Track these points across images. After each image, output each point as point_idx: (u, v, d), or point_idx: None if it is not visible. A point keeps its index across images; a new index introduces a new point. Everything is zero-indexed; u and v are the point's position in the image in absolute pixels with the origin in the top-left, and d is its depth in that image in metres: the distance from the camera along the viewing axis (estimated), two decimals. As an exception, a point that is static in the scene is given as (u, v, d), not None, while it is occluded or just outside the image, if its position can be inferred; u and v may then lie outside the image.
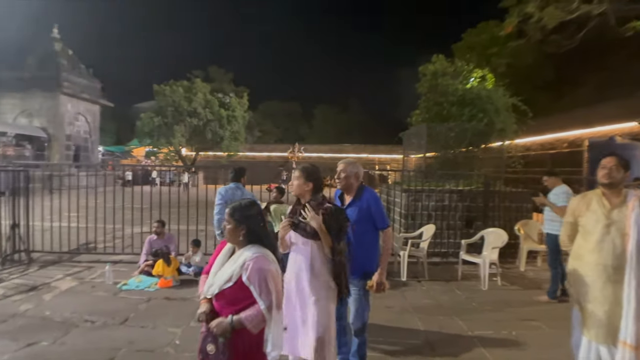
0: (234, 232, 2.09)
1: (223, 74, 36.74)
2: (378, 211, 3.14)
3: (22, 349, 3.71)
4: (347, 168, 3.19)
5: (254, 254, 2.04)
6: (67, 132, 25.07)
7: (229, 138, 27.74)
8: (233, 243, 2.15)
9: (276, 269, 2.07)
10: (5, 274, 6.03)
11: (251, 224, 2.09)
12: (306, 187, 2.79)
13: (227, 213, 2.12)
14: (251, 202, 2.19)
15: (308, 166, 2.89)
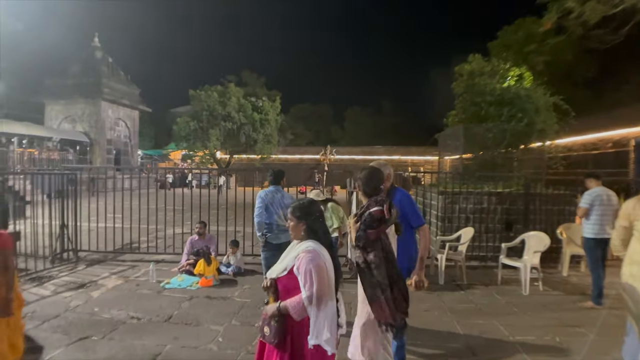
0: (295, 228, 2.29)
1: (256, 78, 37.35)
2: (412, 210, 3.15)
3: (74, 342, 3.91)
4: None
5: (307, 247, 2.19)
6: (108, 136, 26.20)
7: (262, 141, 28.11)
8: (296, 238, 2.33)
9: (325, 263, 2.17)
10: (56, 272, 6.38)
11: (310, 220, 2.27)
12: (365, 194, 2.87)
13: (290, 211, 2.33)
14: (311, 201, 2.41)
15: (363, 171, 2.94)
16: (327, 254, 2.22)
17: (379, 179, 2.89)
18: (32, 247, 6.40)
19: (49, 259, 6.69)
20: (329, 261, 2.21)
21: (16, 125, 21.16)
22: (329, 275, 2.18)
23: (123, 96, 27.36)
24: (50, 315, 4.53)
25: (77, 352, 3.71)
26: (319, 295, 2.09)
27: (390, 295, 2.56)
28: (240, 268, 6.39)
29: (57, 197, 7.09)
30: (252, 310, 4.84)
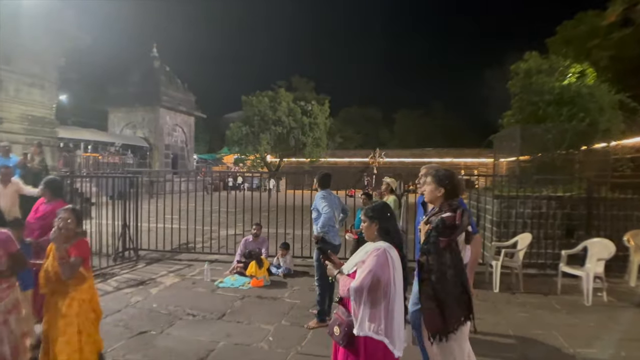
0: (369, 228, 2.36)
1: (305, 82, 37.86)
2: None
3: (134, 336, 4.15)
4: (429, 173, 3.12)
5: (377, 246, 2.26)
6: (166, 141, 27.59)
7: (311, 144, 28.42)
8: (369, 239, 2.38)
9: (392, 263, 2.20)
10: (118, 269, 6.80)
11: (383, 221, 2.33)
12: (438, 192, 2.70)
13: (363, 213, 2.42)
14: (384, 204, 2.51)
15: (440, 170, 2.82)
16: (396, 254, 2.25)
17: (460, 183, 2.75)
18: (97, 245, 6.86)
19: (112, 257, 7.14)
20: (397, 261, 2.24)
21: (82, 131, 22.88)
22: (396, 275, 2.21)
23: (180, 103, 28.74)
24: (113, 310, 4.84)
25: (136, 346, 3.94)
26: (359, 288, 2.15)
27: (447, 310, 2.47)
28: (290, 270, 6.49)
29: (119, 199, 7.55)
30: (301, 311, 4.90)
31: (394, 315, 2.19)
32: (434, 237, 2.50)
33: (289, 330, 4.33)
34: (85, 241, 3.02)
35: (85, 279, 2.95)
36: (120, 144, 24.69)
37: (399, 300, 2.22)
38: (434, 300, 2.48)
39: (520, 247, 6.12)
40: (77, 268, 2.84)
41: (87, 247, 3.02)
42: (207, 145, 45.42)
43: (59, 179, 3.77)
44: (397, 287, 2.21)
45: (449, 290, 2.49)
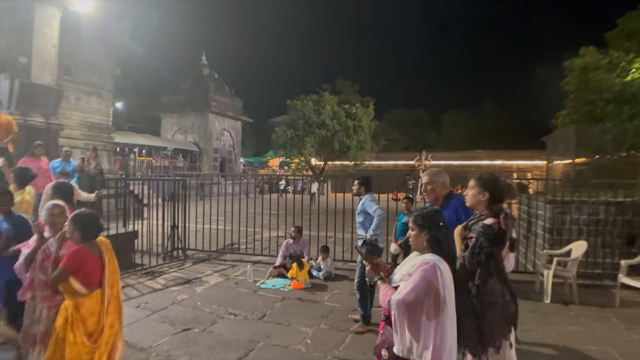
0: (417, 238, 2.17)
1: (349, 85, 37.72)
2: (465, 216, 2.79)
3: (178, 333, 4.30)
4: (433, 178, 2.99)
5: (425, 259, 2.08)
6: (214, 145, 28.55)
7: (355, 147, 28.36)
8: (417, 249, 2.20)
9: (441, 280, 2.01)
10: (166, 267, 7.07)
11: (434, 230, 2.14)
12: (482, 197, 2.53)
13: (412, 220, 2.22)
14: (436, 210, 2.26)
15: (485, 174, 2.65)
16: (447, 268, 2.06)
17: (504, 188, 2.67)
18: (148, 244, 7.19)
19: (161, 256, 7.46)
20: (448, 277, 2.05)
21: (137, 136, 24.22)
22: (446, 292, 2.01)
23: (228, 109, 29.66)
24: (160, 307, 5.04)
25: (180, 342, 4.07)
26: (400, 303, 1.99)
27: (486, 324, 2.32)
28: (331, 273, 6.48)
29: (170, 201, 7.88)
30: (341, 315, 4.87)
31: (446, 339, 1.98)
32: (485, 245, 2.33)
33: (327, 334, 4.32)
34: (77, 250, 2.71)
35: (75, 294, 2.68)
36: (172, 148, 25.84)
37: (450, 322, 2.01)
38: (472, 314, 2.34)
39: (575, 256, 5.75)
40: (58, 280, 2.64)
41: (78, 258, 2.67)
42: (253, 148, 46.47)
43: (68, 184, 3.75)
44: (449, 306, 2.00)
45: (492, 300, 2.35)
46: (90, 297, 2.70)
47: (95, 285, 2.73)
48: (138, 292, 5.63)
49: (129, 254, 6.80)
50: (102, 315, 2.75)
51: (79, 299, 2.68)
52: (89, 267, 2.70)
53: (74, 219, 2.72)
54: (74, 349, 2.65)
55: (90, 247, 2.74)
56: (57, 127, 9.61)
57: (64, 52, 10.39)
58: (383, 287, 2.16)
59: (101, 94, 14.27)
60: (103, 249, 2.80)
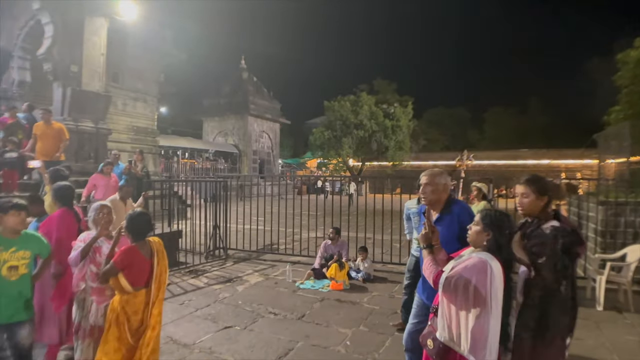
0: (479, 235, 2.12)
1: (387, 85, 37.37)
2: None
3: (220, 330, 4.39)
4: (434, 180, 2.71)
5: (479, 255, 2.04)
6: (254, 147, 29.07)
7: (393, 148, 28.02)
8: (474, 245, 2.15)
9: (489, 277, 1.96)
10: (209, 266, 7.26)
11: (499, 234, 2.08)
12: (541, 202, 2.35)
13: (480, 216, 2.16)
14: (506, 216, 2.17)
15: (532, 177, 2.45)
16: (499, 270, 2.00)
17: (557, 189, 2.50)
18: (191, 244, 7.40)
19: (203, 255, 7.66)
20: (498, 279, 1.98)
21: (180, 139, 25.09)
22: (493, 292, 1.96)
23: (266, 111, 30.14)
24: (203, 304, 5.17)
25: (222, 339, 4.15)
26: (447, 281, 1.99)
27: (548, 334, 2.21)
28: (369, 275, 6.42)
29: (212, 201, 8.09)
30: (380, 317, 4.81)
31: (487, 337, 1.94)
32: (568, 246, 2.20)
33: (367, 336, 4.28)
34: (128, 249, 2.83)
35: (122, 291, 2.80)
36: (213, 150, 26.56)
37: (494, 323, 1.95)
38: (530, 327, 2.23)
39: (630, 261, 5.39)
40: (107, 274, 2.76)
41: (128, 256, 2.78)
42: (291, 150, 46.93)
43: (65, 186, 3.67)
44: (494, 307, 1.94)
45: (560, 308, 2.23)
46: (136, 295, 2.81)
47: (142, 285, 2.83)
48: (182, 289, 5.80)
49: (174, 252, 7.02)
50: (146, 315, 2.83)
51: (125, 296, 2.79)
52: (137, 266, 2.80)
53: (128, 219, 2.85)
54: (118, 344, 2.76)
55: (142, 246, 2.85)
56: (105, 132, 10.12)
57: (112, 60, 10.93)
58: (428, 259, 2.19)
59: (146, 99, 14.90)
60: (154, 248, 2.90)
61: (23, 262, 2.79)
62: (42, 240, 3.00)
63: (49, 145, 7.07)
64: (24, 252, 2.80)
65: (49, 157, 6.96)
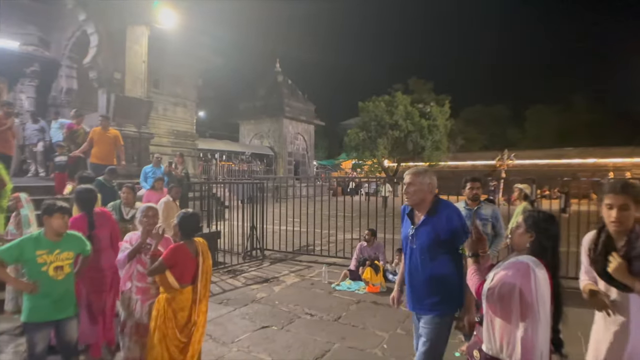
0: (522, 237, 2.05)
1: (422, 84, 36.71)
2: (460, 227, 2.47)
3: (258, 330, 4.44)
4: (417, 179, 2.56)
5: (521, 259, 1.95)
6: (289, 149, 29.35)
7: (430, 148, 27.44)
8: (517, 248, 2.09)
9: (532, 282, 1.85)
10: (246, 266, 7.36)
11: (543, 235, 1.99)
12: (638, 213, 2.07)
13: (523, 218, 2.08)
14: (551, 217, 2.06)
15: (626, 182, 2.12)
16: (544, 275, 1.89)
17: None
18: (229, 244, 7.53)
19: (241, 255, 7.78)
20: (544, 283, 1.88)
21: (218, 142, 25.78)
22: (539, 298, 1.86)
23: (301, 113, 30.37)
24: (241, 304, 5.24)
25: (259, 339, 4.19)
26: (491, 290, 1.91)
27: None
28: (406, 276, 6.30)
29: (248, 203, 8.21)
30: (418, 320, 4.71)
31: (536, 345, 1.84)
32: None
33: (404, 340, 4.19)
34: (177, 247, 2.92)
35: (169, 288, 2.89)
36: (250, 152, 27.02)
37: (542, 330, 1.85)
38: None
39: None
40: (155, 271, 2.86)
41: (176, 254, 2.88)
42: (326, 151, 47.02)
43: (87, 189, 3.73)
44: (542, 313, 1.85)
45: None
46: (182, 292, 2.89)
47: (187, 282, 2.91)
48: (220, 289, 5.91)
49: (212, 252, 7.14)
50: (193, 312, 2.91)
51: (171, 293, 2.87)
52: (184, 264, 2.89)
53: (179, 218, 2.96)
54: (167, 341, 2.84)
55: (189, 245, 2.94)
56: (147, 136, 10.48)
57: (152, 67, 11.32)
58: (473, 268, 2.14)
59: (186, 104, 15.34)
60: (200, 248, 2.98)
61: (67, 262, 2.93)
62: (83, 239, 3.13)
63: (104, 150, 7.41)
64: (68, 252, 2.94)
65: (103, 160, 7.29)
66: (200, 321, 2.96)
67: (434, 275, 2.49)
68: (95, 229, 3.56)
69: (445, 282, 2.48)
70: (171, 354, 2.84)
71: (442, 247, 2.47)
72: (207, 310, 3.08)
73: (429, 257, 2.49)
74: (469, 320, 2.45)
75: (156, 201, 6.78)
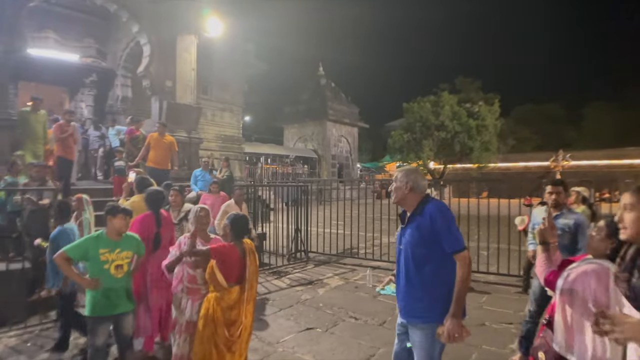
0: (602, 243, 1.95)
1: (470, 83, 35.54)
2: (445, 227, 2.32)
3: (302, 331, 4.47)
4: (398, 177, 2.51)
5: (601, 262, 1.85)
6: (332, 152, 29.43)
7: (479, 149, 26.52)
8: (594, 253, 1.98)
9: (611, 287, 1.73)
10: (290, 268, 7.45)
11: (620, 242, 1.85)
12: None
13: (605, 224, 1.95)
14: None
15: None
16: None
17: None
18: (274, 246, 7.64)
19: (286, 257, 7.87)
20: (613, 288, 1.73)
21: (263, 146, 26.36)
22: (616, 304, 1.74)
23: (344, 116, 30.39)
24: (286, 305, 5.30)
25: (304, 340, 4.22)
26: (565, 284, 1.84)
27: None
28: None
29: (293, 205, 8.30)
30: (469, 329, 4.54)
31: (607, 349, 1.73)
32: None
33: (453, 347, 4.01)
34: (227, 245, 3.02)
35: (218, 286, 2.96)
36: (294, 156, 27.37)
37: None
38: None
39: None
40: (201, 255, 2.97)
41: (225, 251, 2.97)
42: (369, 154, 46.73)
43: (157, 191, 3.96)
44: None
45: None
46: (230, 291, 2.97)
47: (234, 282, 3.00)
48: (266, 289, 6.01)
49: (258, 254, 7.27)
50: (241, 312, 2.99)
51: (220, 292, 2.97)
52: (232, 263, 2.98)
53: (230, 219, 3.07)
54: (215, 338, 2.92)
55: (238, 246, 3.04)
56: (197, 141, 10.88)
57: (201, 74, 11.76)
58: (542, 256, 2.06)
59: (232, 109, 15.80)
60: (247, 250, 3.07)
61: (126, 260, 3.12)
62: (140, 241, 3.32)
63: (160, 154, 7.76)
64: (127, 252, 3.12)
65: (159, 165, 7.64)
66: (247, 322, 3.02)
67: (419, 278, 2.38)
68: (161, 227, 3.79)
69: (430, 286, 2.36)
70: (219, 351, 2.92)
71: (426, 248, 2.36)
72: (254, 311, 3.14)
73: (413, 258, 2.40)
74: (448, 329, 2.26)
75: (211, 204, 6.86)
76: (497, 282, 6.40)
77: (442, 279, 2.34)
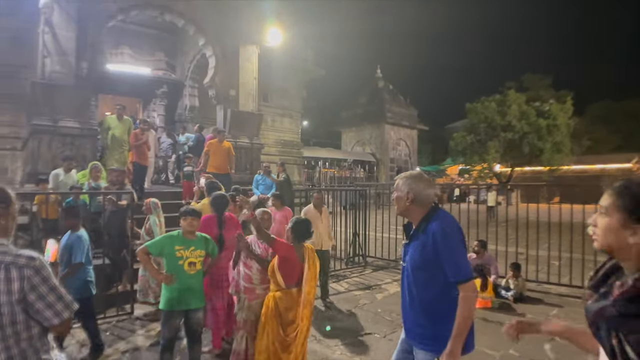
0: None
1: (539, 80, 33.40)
2: (448, 252, 2.00)
3: (361, 336, 4.47)
4: (398, 185, 2.20)
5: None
6: (390, 155, 29.08)
7: (550, 150, 24.85)
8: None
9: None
10: (348, 272, 7.46)
11: None
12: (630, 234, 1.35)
13: None
14: None
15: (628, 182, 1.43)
16: None
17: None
18: (332, 249, 7.69)
19: (344, 261, 7.90)
20: None
21: (321, 150, 26.66)
22: None
23: (403, 118, 29.92)
24: (344, 309, 5.33)
25: (362, 346, 4.22)
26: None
27: None
28: (521, 294, 5.79)
29: (351, 209, 8.32)
30: (533, 343, 4.29)
31: None
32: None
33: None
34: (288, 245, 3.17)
35: (277, 286, 3.13)
36: (352, 159, 27.36)
37: None
38: None
39: None
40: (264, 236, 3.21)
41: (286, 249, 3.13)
42: (429, 157, 45.51)
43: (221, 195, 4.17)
44: None
45: None
46: (287, 293, 3.09)
47: (293, 284, 3.11)
48: (324, 293, 6.06)
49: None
50: (298, 314, 3.07)
51: (279, 293, 3.09)
52: (291, 264, 3.10)
53: (293, 222, 3.22)
54: (271, 337, 3.05)
55: (298, 249, 3.15)
56: (259, 146, 11.27)
57: (262, 82, 12.16)
58: None
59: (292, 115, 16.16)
60: (307, 254, 3.15)
61: (199, 259, 3.31)
62: (214, 244, 3.51)
63: (219, 160, 8.15)
64: (200, 251, 3.32)
65: (219, 169, 8.02)
66: (304, 325, 3.09)
67: (421, 305, 2.13)
68: (224, 229, 3.98)
69: (433, 315, 2.10)
70: (275, 349, 3.03)
71: (429, 272, 2.08)
72: (311, 315, 3.19)
73: (415, 281, 2.13)
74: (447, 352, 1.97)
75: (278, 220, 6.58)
76: (569, 295, 5.98)
77: (446, 310, 2.03)
